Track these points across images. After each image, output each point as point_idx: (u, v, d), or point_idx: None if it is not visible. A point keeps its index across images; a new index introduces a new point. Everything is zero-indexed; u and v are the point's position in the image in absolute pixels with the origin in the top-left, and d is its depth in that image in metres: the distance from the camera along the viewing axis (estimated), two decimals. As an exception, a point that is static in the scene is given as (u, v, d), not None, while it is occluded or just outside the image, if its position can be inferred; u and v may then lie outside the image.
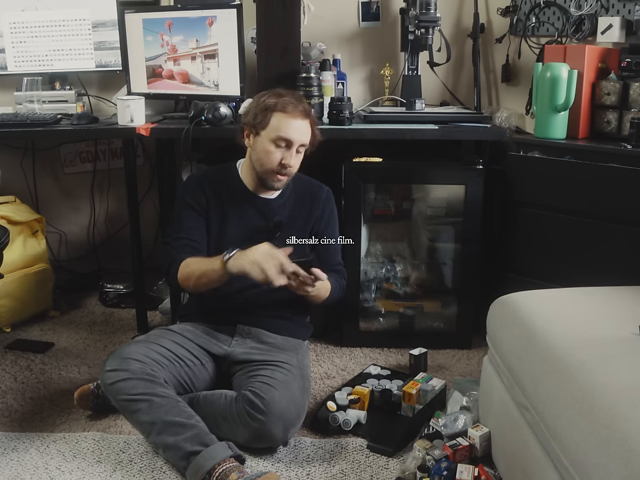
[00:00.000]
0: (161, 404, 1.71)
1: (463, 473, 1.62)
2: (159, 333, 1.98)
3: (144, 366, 1.77)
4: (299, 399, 1.80)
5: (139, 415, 1.71)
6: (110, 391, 1.76)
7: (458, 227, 2.47)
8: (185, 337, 1.94)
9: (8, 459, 1.78)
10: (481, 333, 1.90)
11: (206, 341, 1.96)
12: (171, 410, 1.71)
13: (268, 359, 1.90)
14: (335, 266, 2.12)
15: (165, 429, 1.68)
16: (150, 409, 1.70)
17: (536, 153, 2.36)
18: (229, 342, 1.98)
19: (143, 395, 1.72)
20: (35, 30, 2.71)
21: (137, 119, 2.39)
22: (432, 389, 1.98)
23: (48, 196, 3.10)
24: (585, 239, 2.18)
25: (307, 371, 1.98)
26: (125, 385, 1.73)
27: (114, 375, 1.75)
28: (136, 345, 1.85)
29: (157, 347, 1.86)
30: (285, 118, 1.90)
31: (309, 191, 2.11)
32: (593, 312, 1.65)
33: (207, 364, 1.94)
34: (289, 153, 1.92)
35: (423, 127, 2.38)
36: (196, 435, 1.67)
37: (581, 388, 1.29)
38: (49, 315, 2.75)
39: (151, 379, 1.75)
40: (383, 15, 2.85)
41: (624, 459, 1.08)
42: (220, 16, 2.45)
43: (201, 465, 1.62)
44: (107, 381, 1.76)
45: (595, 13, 2.45)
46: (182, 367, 1.87)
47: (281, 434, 1.74)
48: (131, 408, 1.72)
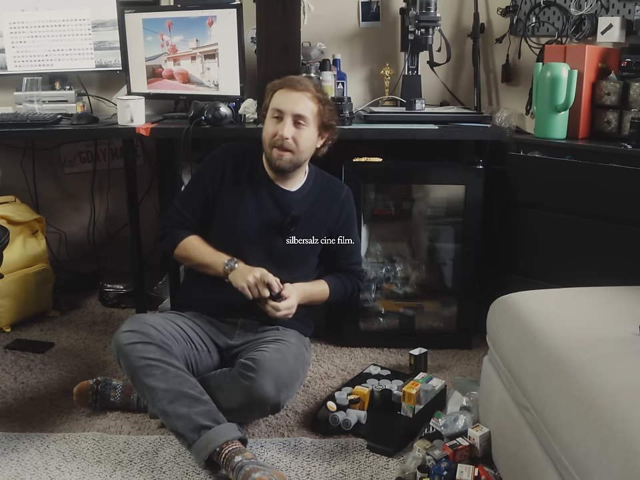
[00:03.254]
0: (177, 374, 1.73)
1: (463, 473, 1.62)
2: (172, 314, 2.00)
3: (161, 336, 1.79)
4: (291, 363, 1.82)
5: (153, 379, 1.72)
6: (126, 350, 1.75)
7: (458, 226, 2.47)
8: (196, 323, 1.97)
9: (8, 459, 1.78)
10: (481, 333, 1.89)
11: (212, 330, 1.98)
12: (185, 382, 1.73)
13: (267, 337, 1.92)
14: (350, 266, 2.14)
15: (178, 398, 1.70)
16: (165, 376, 1.72)
17: (536, 153, 2.36)
18: (231, 335, 1.99)
19: (160, 361, 1.73)
20: (34, 30, 2.71)
21: (136, 119, 2.39)
22: (432, 388, 1.98)
23: (48, 196, 3.10)
24: (585, 239, 2.18)
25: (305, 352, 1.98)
26: (143, 348, 1.74)
27: (133, 335, 1.76)
28: (154, 316, 1.90)
29: (172, 323, 1.89)
30: (282, 93, 1.93)
31: (330, 188, 2.11)
32: (593, 312, 1.65)
33: (213, 352, 1.96)
34: (281, 124, 1.92)
35: (423, 127, 2.38)
36: (208, 411, 1.70)
37: (581, 388, 1.29)
38: (48, 315, 2.75)
39: (168, 348, 1.77)
40: (383, 15, 2.85)
41: (624, 458, 1.08)
42: (220, 16, 2.45)
43: (212, 439, 1.65)
44: (124, 340, 1.76)
45: (595, 12, 2.45)
46: (192, 349, 1.89)
47: (273, 391, 1.73)
48: (145, 371, 1.72)
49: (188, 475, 1.72)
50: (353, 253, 2.15)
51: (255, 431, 1.93)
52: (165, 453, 1.81)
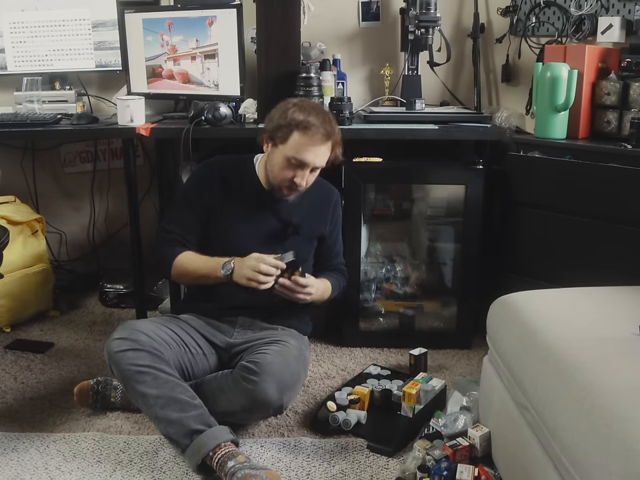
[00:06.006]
0: (167, 380, 1.73)
1: (463, 473, 1.62)
2: (166, 318, 2.00)
3: (152, 342, 1.79)
4: (293, 366, 1.82)
5: (143, 386, 1.72)
6: (116, 359, 1.76)
7: (458, 226, 2.47)
8: (191, 326, 1.97)
9: (8, 459, 1.78)
10: (481, 333, 1.90)
11: (209, 332, 1.98)
12: (176, 387, 1.73)
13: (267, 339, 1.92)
14: (338, 265, 2.20)
15: (169, 404, 1.70)
16: (156, 382, 1.72)
17: (536, 153, 2.36)
18: (230, 333, 1.99)
19: (150, 367, 1.73)
20: (34, 30, 2.71)
21: (136, 118, 2.39)
22: (432, 388, 1.98)
23: (48, 196, 3.10)
24: (585, 239, 2.18)
25: (305, 353, 1.98)
26: (133, 355, 1.74)
27: (123, 343, 1.76)
28: (145, 322, 1.89)
29: (165, 328, 1.88)
30: (305, 141, 1.86)
31: (322, 192, 2.13)
32: (593, 312, 1.65)
33: (210, 355, 1.95)
34: (302, 173, 1.90)
35: (423, 127, 2.38)
36: (200, 415, 1.70)
37: (581, 388, 1.29)
38: (48, 315, 2.75)
39: (158, 354, 1.77)
40: (383, 14, 2.85)
41: (624, 458, 1.08)
42: (220, 16, 2.45)
43: (204, 443, 1.65)
44: (115, 348, 1.76)
45: (595, 12, 2.45)
46: (185, 353, 1.89)
47: (275, 394, 1.73)
48: (136, 378, 1.73)
49: (188, 474, 1.72)
50: (340, 253, 2.22)
51: (254, 431, 1.93)
52: (165, 453, 1.81)
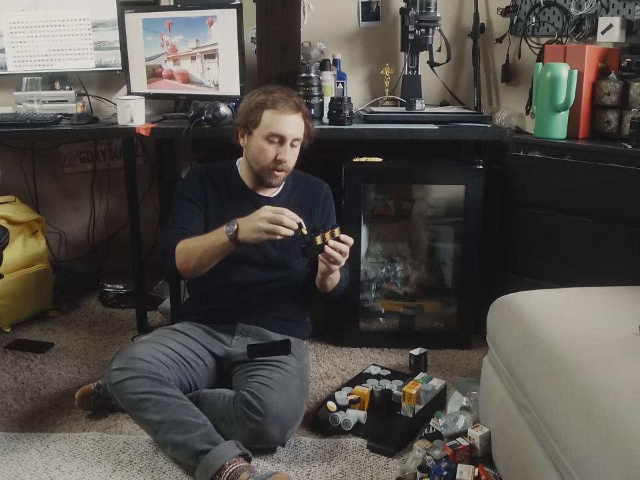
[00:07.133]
0: (169, 403, 1.71)
1: (463, 473, 1.62)
2: (163, 332, 1.97)
3: (150, 366, 1.77)
4: (296, 401, 1.80)
5: (145, 413, 1.71)
6: (116, 389, 1.76)
7: (458, 226, 2.47)
8: (189, 336, 1.95)
9: (8, 459, 1.78)
10: (481, 333, 1.90)
11: (208, 341, 1.97)
12: (178, 409, 1.71)
13: (267, 359, 1.90)
14: None
15: (173, 428, 1.68)
16: (157, 407, 1.70)
17: (536, 153, 2.36)
18: (229, 341, 1.98)
19: (150, 393, 1.72)
20: (34, 30, 2.71)
21: (136, 118, 2.39)
22: (432, 388, 1.98)
23: (48, 196, 3.10)
24: (585, 239, 2.18)
25: (306, 371, 1.98)
26: (132, 384, 1.73)
27: (120, 373, 1.75)
28: (142, 345, 1.85)
29: (162, 347, 1.86)
30: (276, 114, 1.89)
31: (309, 188, 2.11)
32: (593, 312, 1.65)
33: (210, 364, 1.94)
34: (282, 149, 1.91)
35: (423, 127, 2.38)
36: (204, 434, 1.68)
37: (581, 388, 1.29)
38: (48, 315, 2.75)
39: (158, 377, 1.75)
40: (383, 14, 2.85)
41: (624, 458, 1.08)
42: (220, 16, 2.45)
43: (210, 463, 1.62)
44: (113, 379, 1.76)
45: (595, 12, 2.45)
46: (186, 368, 1.87)
47: (278, 435, 1.74)
48: (137, 406, 1.72)
49: (188, 474, 1.72)
50: None
51: (255, 431, 1.93)
52: (165, 452, 1.80)
